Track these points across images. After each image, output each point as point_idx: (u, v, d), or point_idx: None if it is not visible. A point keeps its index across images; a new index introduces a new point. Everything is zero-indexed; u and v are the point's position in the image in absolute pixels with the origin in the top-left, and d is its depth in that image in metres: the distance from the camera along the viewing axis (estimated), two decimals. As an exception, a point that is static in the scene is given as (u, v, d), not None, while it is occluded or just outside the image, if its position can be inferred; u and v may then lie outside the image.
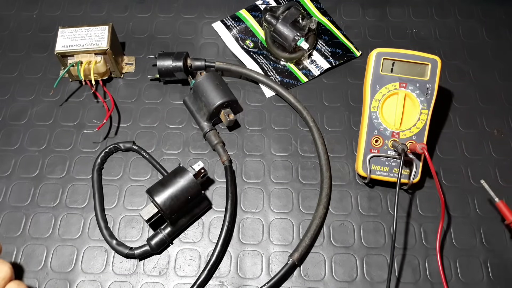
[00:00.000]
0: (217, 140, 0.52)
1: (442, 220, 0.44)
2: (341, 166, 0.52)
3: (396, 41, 0.61)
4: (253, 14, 0.63)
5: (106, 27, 0.54)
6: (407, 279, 0.45)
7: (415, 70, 0.49)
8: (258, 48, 0.60)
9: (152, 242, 0.45)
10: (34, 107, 0.56)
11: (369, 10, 0.64)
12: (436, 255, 0.44)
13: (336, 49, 0.60)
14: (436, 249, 0.45)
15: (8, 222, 0.48)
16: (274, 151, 0.53)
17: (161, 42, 0.61)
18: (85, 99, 0.56)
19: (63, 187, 0.50)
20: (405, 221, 0.48)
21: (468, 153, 0.53)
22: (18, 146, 0.53)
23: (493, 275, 0.45)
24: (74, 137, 0.53)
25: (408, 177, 0.48)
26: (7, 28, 0.62)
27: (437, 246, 0.44)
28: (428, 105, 0.48)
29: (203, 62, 0.56)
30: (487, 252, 0.47)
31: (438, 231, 0.45)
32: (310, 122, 0.53)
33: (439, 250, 0.44)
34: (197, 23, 0.63)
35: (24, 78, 0.58)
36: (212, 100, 0.51)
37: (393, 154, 0.48)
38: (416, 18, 0.63)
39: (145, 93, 0.57)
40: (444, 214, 0.45)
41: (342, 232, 0.48)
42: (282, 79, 0.58)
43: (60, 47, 0.53)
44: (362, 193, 0.50)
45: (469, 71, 0.58)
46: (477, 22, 0.63)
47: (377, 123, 0.49)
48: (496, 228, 0.48)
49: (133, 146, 0.52)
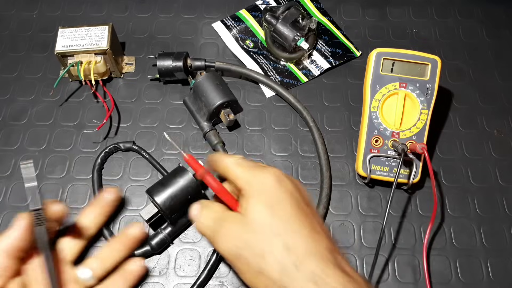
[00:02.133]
0: (217, 140, 0.52)
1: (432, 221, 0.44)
2: (341, 166, 0.52)
3: (396, 41, 0.61)
4: (253, 14, 0.63)
5: (106, 27, 0.54)
6: (407, 279, 0.45)
7: (415, 70, 0.49)
8: (258, 48, 0.60)
9: (152, 242, 0.45)
10: (34, 107, 0.56)
11: (369, 10, 0.64)
12: (423, 255, 0.45)
13: (336, 49, 0.60)
14: (423, 248, 0.45)
15: (8, 222, 0.48)
16: (274, 151, 0.53)
17: (161, 42, 0.61)
18: (85, 99, 0.56)
19: (63, 187, 0.50)
20: (405, 221, 0.48)
21: (468, 153, 0.53)
22: (18, 146, 0.53)
23: (493, 275, 0.45)
24: (74, 137, 0.53)
25: (408, 177, 0.48)
26: (7, 28, 0.62)
27: (424, 245, 0.45)
28: (428, 105, 0.48)
29: (203, 62, 0.56)
30: (487, 252, 0.47)
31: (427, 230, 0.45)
32: (310, 122, 0.53)
33: (425, 250, 0.45)
34: (197, 23, 0.63)
35: (24, 78, 0.58)
36: (212, 100, 0.51)
37: (393, 154, 0.48)
38: (416, 18, 0.63)
39: (145, 93, 0.57)
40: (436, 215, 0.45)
41: (342, 232, 0.48)
42: (282, 79, 0.58)
43: (60, 47, 0.53)
44: (362, 193, 0.50)
45: (469, 71, 0.59)
46: (477, 22, 0.63)
47: (377, 123, 0.49)
48: (496, 228, 0.48)
49: (133, 146, 0.52)
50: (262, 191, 0.35)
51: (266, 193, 0.34)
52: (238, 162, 0.37)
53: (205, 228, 0.37)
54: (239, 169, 0.36)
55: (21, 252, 0.36)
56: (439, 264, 0.46)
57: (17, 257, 0.36)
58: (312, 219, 0.34)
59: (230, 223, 0.35)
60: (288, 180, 0.36)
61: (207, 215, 0.37)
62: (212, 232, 0.36)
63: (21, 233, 0.36)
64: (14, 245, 0.36)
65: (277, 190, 0.35)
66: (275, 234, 0.33)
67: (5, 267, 0.35)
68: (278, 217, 0.33)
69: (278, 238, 0.32)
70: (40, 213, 0.35)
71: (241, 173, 0.36)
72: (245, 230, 0.33)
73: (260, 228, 0.33)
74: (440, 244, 0.47)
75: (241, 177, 0.36)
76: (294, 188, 0.36)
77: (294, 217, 0.34)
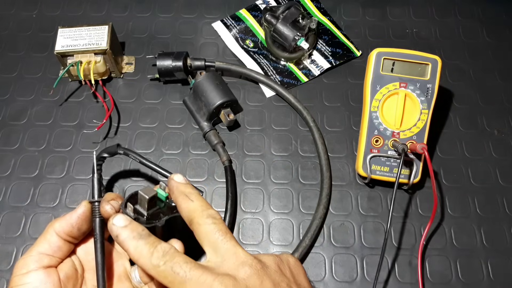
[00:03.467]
0: (217, 140, 0.52)
1: (431, 221, 0.44)
2: (341, 166, 0.52)
3: (396, 41, 0.61)
4: (253, 14, 0.63)
5: (106, 27, 0.54)
6: (407, 279, 0.45)
7: (415, 70, 0.49)
8: (258, 48, 0.60)
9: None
10: (33, 107, 0.55)
11: (369, 10, 0.64)
12: (418, 254, 0.45)
13: (336, 49, 0.59)
14: (419, 247, 0.45)
15: (8, 222, 0.48)
16: (274, 151, 0.53)
17: (161, 42, 0.61)
18: (84, 99, 0.56)
19: (63, 187, 0.50)
20: (405, 221, 0.48)
21: (468, 153, 0.53)
22: (17, 146, 0.53)
23: (493, 275, 0.45)
24: (74, 137, 0.53)
25: (408, 177, 0.48)
26: (7, 28, 0.62)
27: (420, 245, 0.45)
28: (428, 105, 0.48)
29: (203, 62, 0.56)
30: (487, 252, 0.47)
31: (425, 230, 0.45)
32: (310, 122, 0.53)
33: (421, 249, 0.45)
34: (197, 23, 0.63)
35: (24, 78, 0.58)
36: (212, 100, 0.51)
37: (393, 154, 0.48)
38: (416, 18, 0.63)
39: (145, 93, 0.57)
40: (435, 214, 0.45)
41: (342, 232, 0.48)
42: (282, 79, 0.58)
43: (59, 47, 0.53)
44: (362, 193, 0.50)
45: (469, 71, 0.58)
46: (477, 22, 0.63)
47: (378, 123, 0.49)
48: (496, 228, 0.48)
49: (118, 150, 0.43)
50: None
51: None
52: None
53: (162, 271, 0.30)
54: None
55: (73, 238, 0.37)
56: (439, 264, 0.46)
57: (69, 241, 0.37)
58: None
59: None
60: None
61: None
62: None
63: (76, 220, 0.36)
64: (66, 230, 0.36)
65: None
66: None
67: (58, 247, 0.36)
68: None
69: None
70: (98, 206, 0.36)
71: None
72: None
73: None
74: (440, 244, 0.47)
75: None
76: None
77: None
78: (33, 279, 0.34)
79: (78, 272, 0.37)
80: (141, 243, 0.31)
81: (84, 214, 0.36)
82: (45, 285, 0.34)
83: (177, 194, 0.34)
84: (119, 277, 0.39)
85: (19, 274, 0.34)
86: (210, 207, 0.33)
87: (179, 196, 0.34)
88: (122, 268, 0.39)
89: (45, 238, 0.36)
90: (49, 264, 0.35)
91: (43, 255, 0.35)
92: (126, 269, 0.39)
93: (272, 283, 0.29)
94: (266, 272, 0.30)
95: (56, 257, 0.36)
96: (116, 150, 0.43)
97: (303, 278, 0.32)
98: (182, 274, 0.29)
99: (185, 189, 0.34)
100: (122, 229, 0.32)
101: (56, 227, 0.36)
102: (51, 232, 0.36)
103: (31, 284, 0.33)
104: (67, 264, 0.36)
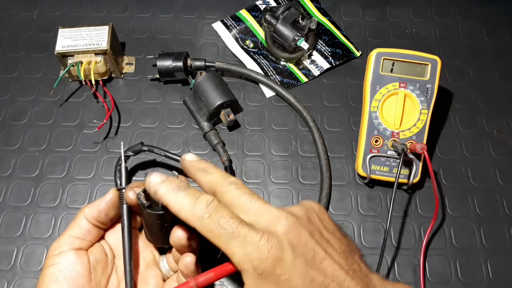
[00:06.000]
0: (217, 140, 0.52)
1: (434, 221, 0.44)
2: (341, 166, 0.52)
3: (396, 41, 0.61)
4: (253, 14, 0.63)
5: (106, 27, 0.54)
6: (407, 279, 0.45)
7: (415, 70, 0.49)
8: (258, 48, 0.60)
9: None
10: (34, 107, 0.56)
11: (369, 10, 0.64)
12: (421, 255, 0.45)
13: (336, 49, 0.60)
14: (422, 248, 0.45)
15: (8, 222, 0.48)
16: (274, 151, 0.53)
17: (161, 42, 0.61)
18: (85, 99, 0.56)
19: (63, 187, 0.50)
20: (405, 221, 0.48)
21: (468, 153, 0.53)
22: (18, 146, 0.53)
23: (493, 275, 0.45)
24: (74, 137, 0.53)
25: (408, 177, 0.48)
26: (7, 28, 0.62)
27: (423, 246, 0.45)
28: (428, 105, 0.48)
29: (203, 62, 0.56)
30: (487, 252, 0.47)
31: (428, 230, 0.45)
32: (310, 122, 0.53)
33: (423, 250, 0.45)
34: (197, 23, 0.63)
35: (24, 78, 0.58)
36: (212, 100, 0.51)
37: (393, 154, 0.48)
38: (416, 18, 0.63)
39: (145, 93, 0.57)
40: (437, 214, 0.45)
41: (342, 232, 0.48)
42: (282, 79, 0.58)
43: (60, 47, 0.53)
44: (362, 193, 0.50)
45: (469, 71, 0.59)
46: (477, 22, 0.63)
47: (377, 123, 0.49)
48: (496, 228, 0.48)
49: (142, 148, 0.47)
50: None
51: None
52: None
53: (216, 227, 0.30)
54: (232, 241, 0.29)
55: (101, 223, 0.39)
56: (439, 264, 0.46)
57: (98, 226, 0.39)
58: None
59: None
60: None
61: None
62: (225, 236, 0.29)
63: (104, 206, 0.38)
64: (95, 215, 0.38)
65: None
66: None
67: (88, 230, 0.38)
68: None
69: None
70: (123, 193, 0.38)
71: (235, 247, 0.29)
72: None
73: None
74: (440, 244, 0.47)
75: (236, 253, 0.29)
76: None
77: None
78: (65, 259, 0.36)
79: (108, 258, 0.39)
80: (181, 195, 0.30)
81: (111, 201, 0.38)
82: (75, 265, 0.36)
83: (193, 171, 0.33)
84: (147, 264, 0.40)
85: (52, 255, 0.37)
86: (229, 175, 0.32)
87: (196, 172, 0.33)
88: (151, 256, 0.40)
89: (76, 223, 0.38)
90: (80, 246, 0.37)
91: (74, 237, 0.37)
92: (155, 257, 0.41)
93: (307, 232, 0.30)
94: (301, 223, 0.30)
95: (86, 240, 0.38)
96: (141, 147, 0.47)
97: (328, 221, 0.33)
98: (229, 230, 0.28)
99: (200, 164, 0.33)
100: (159, 184, 0.32)
101: (86, 212, 0.38)
102: (81, 217, 0.38)
103: (63, 264, 0.36)
104: (97, 248, 0.39)
